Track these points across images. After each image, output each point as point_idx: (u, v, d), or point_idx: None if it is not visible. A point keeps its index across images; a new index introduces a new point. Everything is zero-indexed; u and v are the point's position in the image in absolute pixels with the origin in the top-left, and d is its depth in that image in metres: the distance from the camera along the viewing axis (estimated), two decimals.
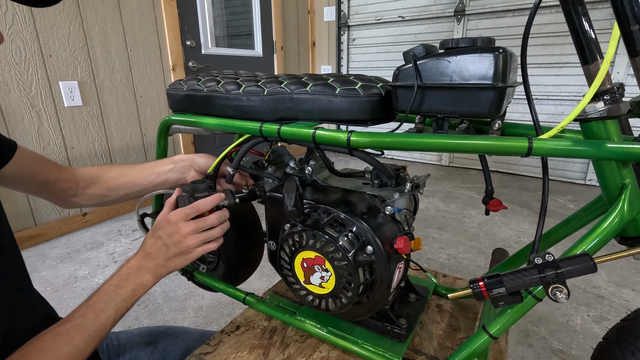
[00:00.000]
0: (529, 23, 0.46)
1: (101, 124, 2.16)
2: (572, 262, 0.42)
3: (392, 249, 0.55)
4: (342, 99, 0.53)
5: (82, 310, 0.48)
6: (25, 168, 0.61)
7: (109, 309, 0.49)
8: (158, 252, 0.54)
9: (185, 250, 0.55)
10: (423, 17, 3.13)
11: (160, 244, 0.54)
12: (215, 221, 0.57)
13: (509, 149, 0.43)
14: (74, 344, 0.45)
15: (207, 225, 0.56)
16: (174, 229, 0.54)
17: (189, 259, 0.56)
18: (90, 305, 0.49)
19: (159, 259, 0.54)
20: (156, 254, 0.54)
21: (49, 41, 1.87)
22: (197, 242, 0.55)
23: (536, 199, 2.51)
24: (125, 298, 0.51)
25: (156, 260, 0.54)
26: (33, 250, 1.90)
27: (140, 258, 0.54)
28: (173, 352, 0.69)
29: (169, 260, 0.54)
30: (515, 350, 1.18)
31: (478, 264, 1.72)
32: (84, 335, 0.46)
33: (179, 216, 0.55)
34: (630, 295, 1.46)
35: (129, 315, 1.40)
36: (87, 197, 0.70)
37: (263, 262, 0.87)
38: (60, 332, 0.46)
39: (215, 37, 2.73)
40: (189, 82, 0.71)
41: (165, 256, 0.54)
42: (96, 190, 0.70)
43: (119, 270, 0.53)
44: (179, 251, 0.54)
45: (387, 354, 0.59)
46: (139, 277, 0.53)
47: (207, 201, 0.57)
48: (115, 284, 0.51)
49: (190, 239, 0.54)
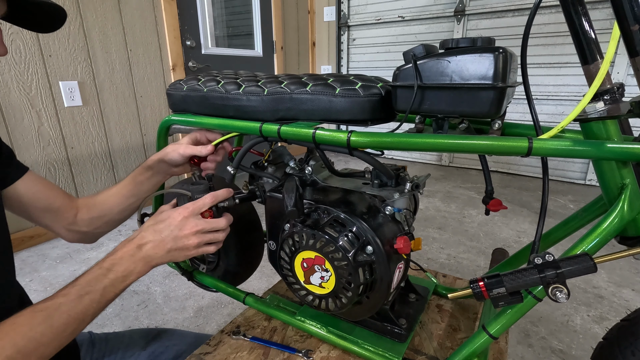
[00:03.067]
0: (529, 23, 0.46)
1: (101, 124, 2.15)
2: (572, 262, 0.42)
3: (392, 249, 0.55)
4: (342, 99, 0.53)
5: (67, 290, 0.46)
6: (31, 191, 0.61)
7: (94, 292, 0.47)
8: (158, 244, 0.53)
9: (185, 248, 0.54)
10: (423, 17, 3.13)
11: (161, 236, 0.53)
12: (224, 225, 0.56)
13: (509, 149, 0.43)
14: (52, 323, 0.43)
15: (215, 227, 0.55)
16: (182, 224, 0.53)
17: (186, 256, 0.55)
18: (75, 286, 0.47)
19: (157, 249, 0.52)
20: (156, 245, 0.52)
21: (49, 41, 1.87)
22: (199, 242, 0.54)
23: (536, 199, 2.51)
24: (114, 283, 0.49)
25: (154, 250, 0.52)
26: (33, 250, 1.90)
27: (137, 245, 0.52)
28: (162, 356, 0.67)
29: (167, 252, 0.53)
30: (515, 350, 1.18)
31: (478, 264, 1.71)
32: (64, 316, 0.44)
33: (189, 211, 0.54)
34: (630, 295, 1.46)
35: (129, 315, 1.40)
36: (86, 223, 0.69)
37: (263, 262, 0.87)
38: (40, 309, 0.44)
39: (215, 37, 2.73)
40: (189, 82, 0.71)
41: (164, 248, 0.53)
42: (93, 213, 0.69)
43: (112, 254, 0.51)
44: (179, 247, 0.53)
45: (387, 354, 0.59)
46: (133, 263, 0.51)
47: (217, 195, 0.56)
48: (107, 268, 0.49)
49: (194, 238, 0.53)
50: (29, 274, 1.68)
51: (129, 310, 1.44)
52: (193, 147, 0.69)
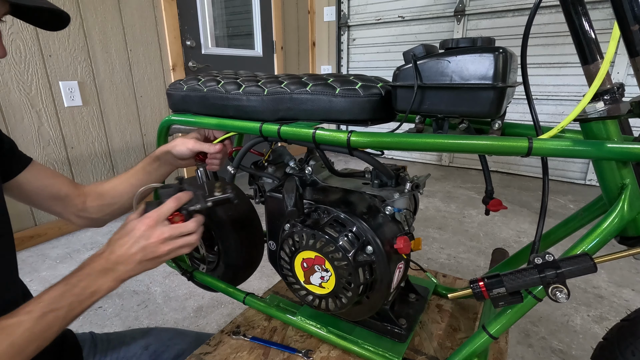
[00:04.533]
0: (529, 23, 0.46)
1: (101, 124, 2.15)
2: (572, 262, 0.42)
3: (392, 249, 0.55)
4: (342, 99, 0.53)
5: (31, 307, 0.45)
6: (37, 180, 0.62)
7: (59, 309, 0.46)
8: (127, 257, 0.51)
9: (156, 257, 0.52)
10: (423, 17, 3.13)
11: (129, 249, 0.51)
12: (193, 228, 0.55)
13: (509, 149, 0.43)
14: (13, 340, 0.42)
15: (184, 231, 0.54)
16: (149, 233, 0.51)
17: (158, 263, 0.53)
18: (40, 303, 0.45)
19: (127, 263, 0.51)
20: (125, 258, 0.50)
21: (49, 41, 1.87)
22: (170, 249, 0.52)
23: (536, 199, 2.51)
24: (80, 300, 0.47)
25: (124, 264, 0.50)
26: (33, 250, 1.90)
27: (106, 260, 0.50)
28: (163, 355, 0.68)
29: (138, 264, 0.51)
30: (515, 350, 1.18)
31: (478, 264, 1.72)
32: (26, 334, 0.43)
33: (153, 219, 0.52)
34: (630, 295, 1.46)
35: (129, 316, 1.40)
36: (96, 210, 0.70)
37: (263, 262, 0.87)
38: (2, 326, 0.43)
39: (215, 37, 2.73)
40: (189, 82, 0.71)
41: (133, 261, 0.51)
42: (103, 200, 0.70)
43: (80, 269, 0.50)
44: (149, 257, 0.52)
45: (387, 354, 0.59)
46: (102, 279, 0.49)
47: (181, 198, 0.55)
48: (73, 284, 0.48)
49: (164, 245, 0.52)
50: (29, 274, 1.68)
51: (129, 310, 1.44)
52: (201, 144, 0.70)
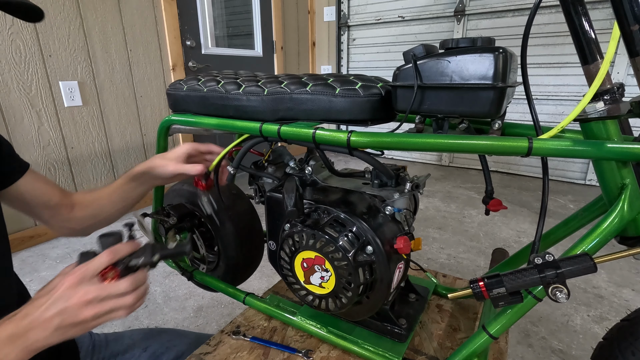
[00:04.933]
0: (529, 23, 0.46)
1: (101, 124, 2.15)
2: (572, 262, 0.42)
3: (392, 249, 0.55)
4: (342, 99, 0.53)
5: None
6: (32, 189, 0.62)
7: None
8: (42, 321, 0.41)
9: (78, 322, 0.42)
10: (423, 17, 3.13)
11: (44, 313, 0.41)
12: (125, 288, 0.44)
13: (509, 149, 0.43)
14: None
15: (113, 292, 0.43)
16: (69, 294, 0.42)
17: (83, 330, 0.43)
18: None
19: (41, 329, 0.41)
20: (38, 323, 0.41)
21: (49, 41, 1.87)
22: (97, 314, 0.42)
23: (536, 199, 2.51)
24: None
25: (37, 330, 0.41)
26: (33, 250, 1.90)
27: (16, 325, 0.41)
28: (163, 356, 0.67)
29: (55, 331, 0.41)
30: (515, 350, 1.18)
31: (478, 264, 1.71)
32: None
33: (77, 277, 0.42)
34: (630, 295, 1.46)
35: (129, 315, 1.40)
36: (80, 220, 0.68)
37: (263, 262, 0.87)
38: None
39: (215, 37, 2.73)
40: (189, 82, 0.71)
41: (49, 327, 0.41)
42: (86, 211, 0.68)
43: None
44: (70, 323, 0.42)
45: (387, 354, 0.59)
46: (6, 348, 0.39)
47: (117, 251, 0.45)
48: None
49: (88, 309, 0.42)
50: (29, 273, 1.68)
51: None
52: (182, 165, 0.65)
